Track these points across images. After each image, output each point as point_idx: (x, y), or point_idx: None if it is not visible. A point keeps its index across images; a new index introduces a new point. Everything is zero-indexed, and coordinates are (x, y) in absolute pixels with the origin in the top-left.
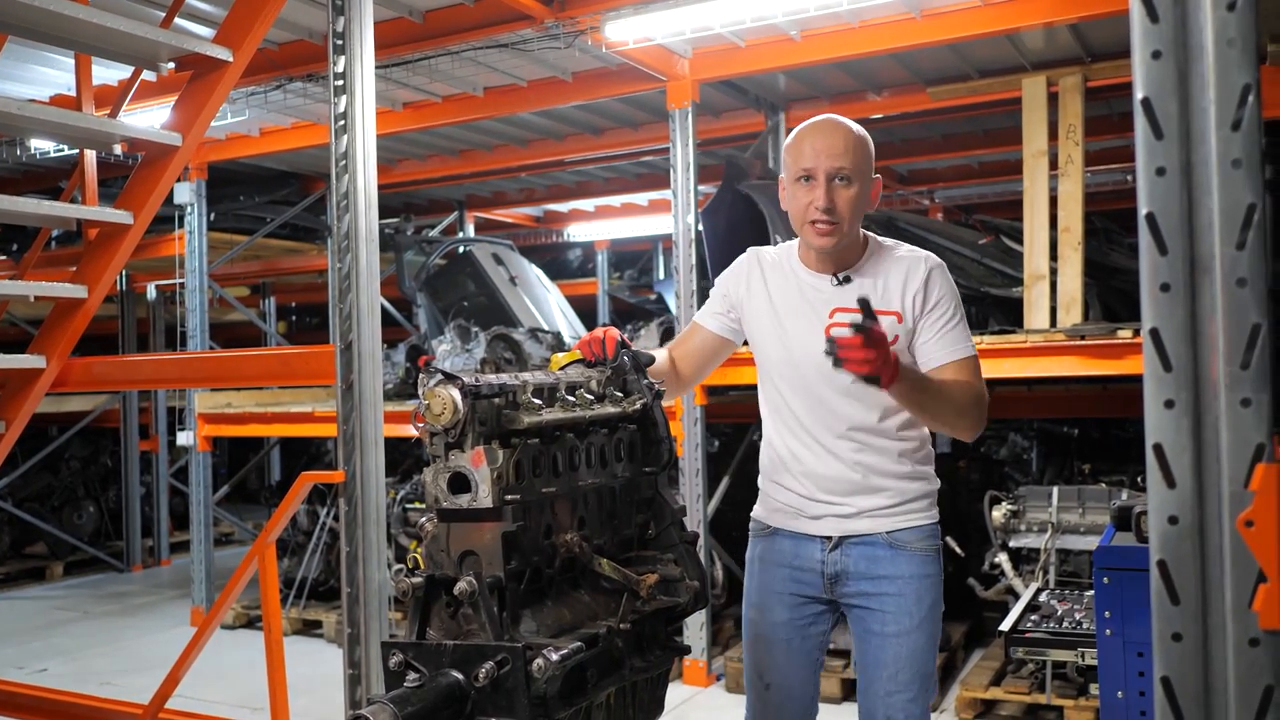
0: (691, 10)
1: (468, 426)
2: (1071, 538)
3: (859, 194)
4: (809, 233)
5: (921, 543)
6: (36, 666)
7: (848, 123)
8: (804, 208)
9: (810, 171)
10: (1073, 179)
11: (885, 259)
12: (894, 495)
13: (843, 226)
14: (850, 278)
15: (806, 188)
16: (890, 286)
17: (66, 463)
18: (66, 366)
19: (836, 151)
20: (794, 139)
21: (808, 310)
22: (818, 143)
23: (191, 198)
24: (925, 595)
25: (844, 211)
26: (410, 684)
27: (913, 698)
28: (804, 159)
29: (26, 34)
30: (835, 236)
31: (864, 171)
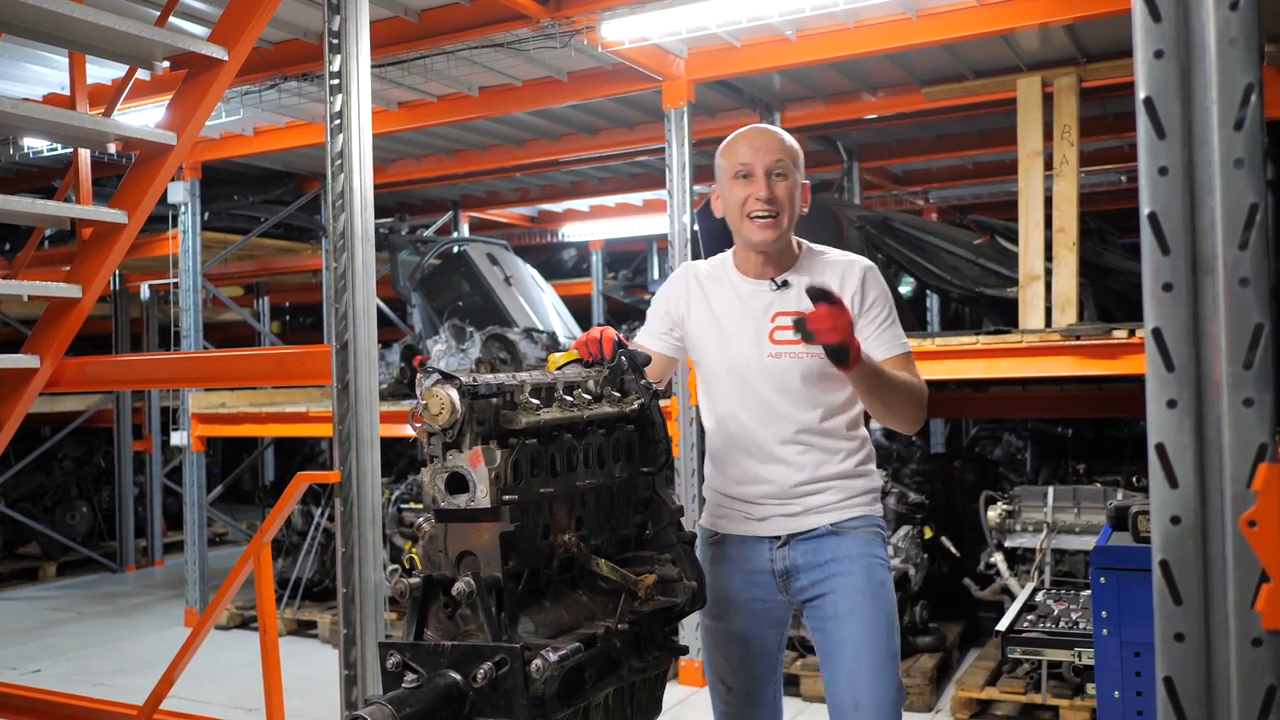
0: (687, 10)
1: (465, 426)
2: (1067, 538)
3: (794, 190)
4: (749, 227)
5: (866, 528)
6: (30, 667)
7: (776, 128)
8: (742, 201)
9: (748, 167)
10: (1068, 179)
11: (819, 263)
12: (839, 493)
13: (782, 219)
14: (788, 282)
15: (744, 183)
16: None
17: (60, 463)
18: (60, 366)
19: (772, 147)
20: (728, 143)
21: (749, 317)
22: (754, 141)
23: (185, 197)
24: (875, 573)
25: (782, 201)
26: (408, 685)
27: (876, 677)
28: (741, 156)
29: (21, 32)
30: (775, 229)
31: (797, 170)
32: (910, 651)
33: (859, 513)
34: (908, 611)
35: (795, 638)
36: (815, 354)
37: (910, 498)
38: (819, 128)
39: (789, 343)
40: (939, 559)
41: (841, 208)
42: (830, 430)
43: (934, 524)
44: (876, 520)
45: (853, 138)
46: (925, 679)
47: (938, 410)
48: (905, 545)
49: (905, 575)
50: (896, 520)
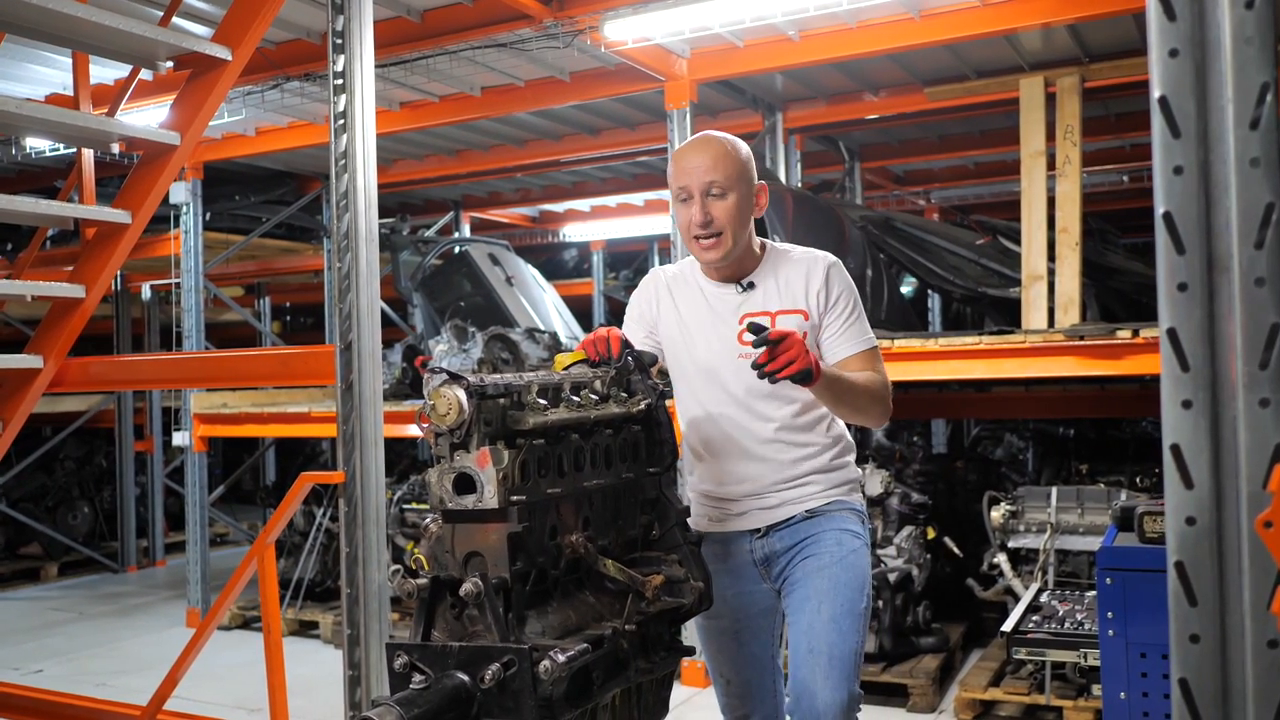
0: (690, 10)
1: (473, 427)
2: (1070, 538)
3: (736, 204)
4: (695, 248)
5: (841, 510)
6: (32, 667)
7: (720, 137)
8: (686, 225)
9: (686, 190)
10: (1070, 179)
11: (783, 262)
12: (816, 485)
13: (725, 238)
14: (754, 283)
15: (685, 206)
16: (793, 286)
17: (61, 463)
18: (64, 366)
19: (705, 167)
20: (670, 161)
21: (717, 320)
22: (689, 161)
23: (187, 197)
24: (845, 542)
25: (722, 222)
26: (416, 686)
27: (836, 629)
28: (679, 179)
29: (24, 32)
30: (719, 249)
31: (739, 181)
32: (913, 652)
33: (835, 498)
34: (910, 612)
35: None
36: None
37: (913, 498)
38: (821, 128)
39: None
40: (942, 559)
41: (843, 208)
42: (805, 426)
43: (937, 524)
44: (853, 504)
45: (854, 138)
46: (929, 679)
47: (940, 411)
48: (908, 546)
49: (908, 576)
50: (900, 521)
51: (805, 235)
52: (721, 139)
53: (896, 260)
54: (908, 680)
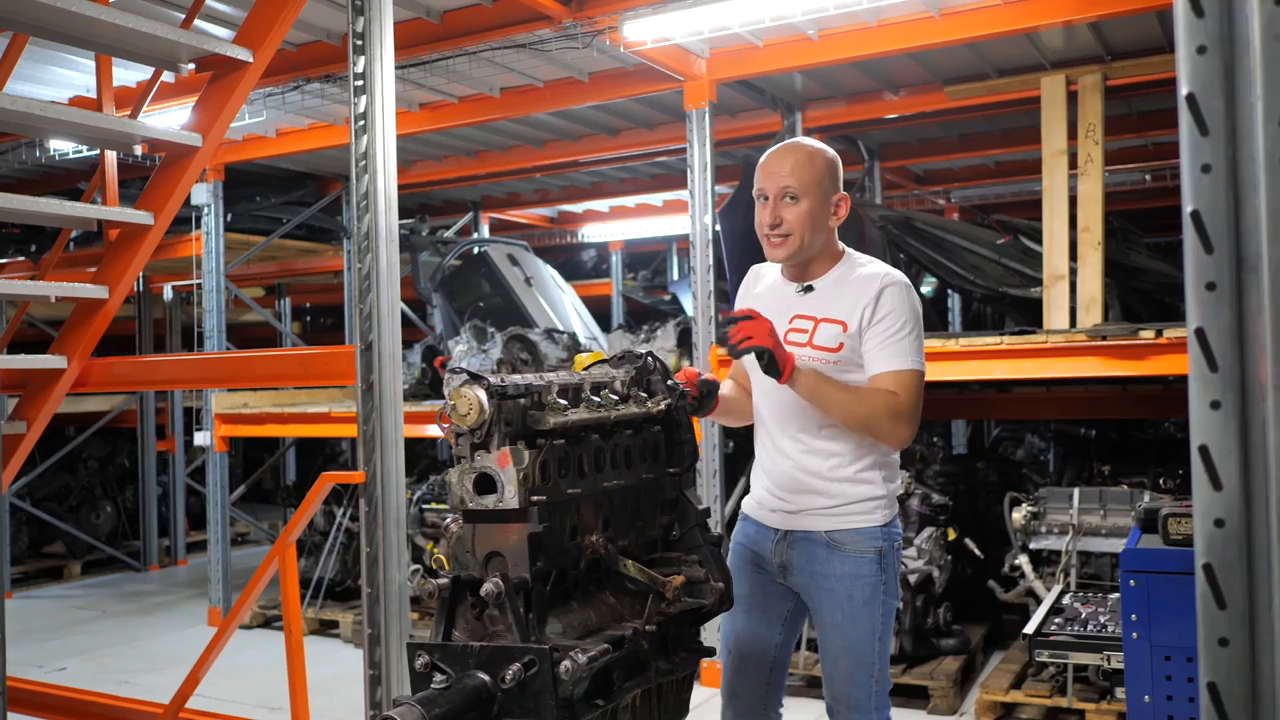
0: (710, 10)
1: (494, 427)
2: (1093, 540)
3: (810, 210)
4: (765, 246)
5: (859, 544)
6: (56, 665)
7: (804, 144)
8: (760, 224)
9: (763, 191)
10: (1092, 178)
11: (850, 273)
12: (832, 498)
13: (793, 239)
14: (812, 287)
15: (762, 206)
16: (844, 298)
17: (84, 463)
18: (87, 367)
19: (783, 172)
20: (759, 164)
21: (774, 314)
22: (769, 166)
23: (208, 198)
24: (857, 594)
25: (792, 225)
26: (437, 685)
27: (851, 681)
28: (759, 181)
29: (49, 35)
30: (786, 249)
31: (815, 188)
32: (934, 654)
33: (856, 524)
34: (931, 613)
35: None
36: (815, 358)
37: (934, 499)
38: (840, 127)
39: (796, 345)
40: (963, 561)
41: (863, 207)
42: (821, 434)
43: (957, 526)
44: (875, 534)
45: (874, 137)
46: (949, 681)
47: (960, 411)
48: (929, 547)
49: (929, 577)
50: (920, 522)
51: None
52: (806, 146)
53: (916, 260)
54: (928, 682)
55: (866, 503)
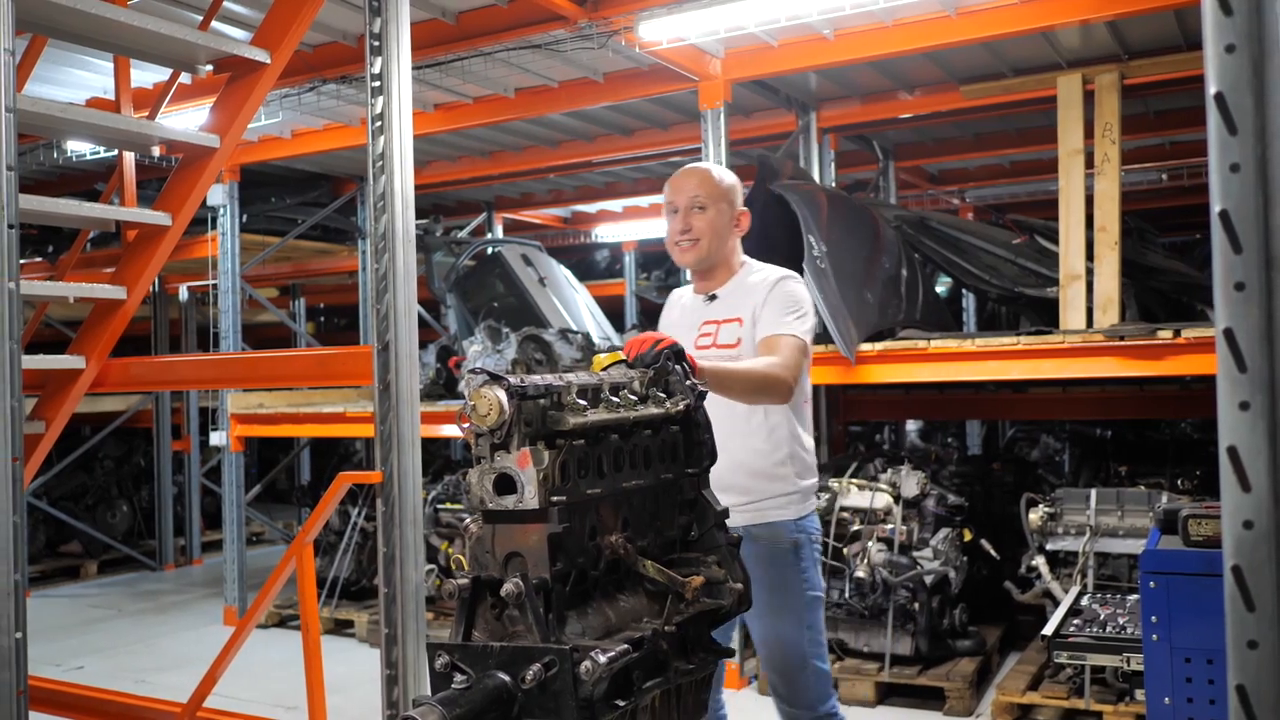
0: (725, 9)
1: (513, 427)
2: (1110, 541)
3: (715, 219)
4: (675, 253)
5: (776, 538)
6: (73, 664)
7: (710, 165)
8: (671, 233)
9: (673, 204)
10: (1109, 178)
11: (747, 279)
12: (748, 494)
13: (701, 244)
14: (716, 295)
15: (673, 218)
16: (742, 300)
17: (100, 462)
18: (105, 367)
19: (691, 186)
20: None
21: (685, 325)
22: (678, 182)
23: (224, 199)
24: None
25: (700, 231)
26: (458, 685)
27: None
28: (669, 195)
29: (68, 37)
30: (695, 253)
31: (720, 200)
32: (949, 655)
33: (771, 518)
34: (947, 614)
35: (833, 640)
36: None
37: (949, 500)
38: (855, 127)
39: (704, 349)
40: (978, 562)
41: (878, 207)
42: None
43: (973, 526)
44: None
45: (889, 137)
46: (965, 683)
47: (975, 411)
48: (944, 548)
49: (945, 578)
50: (936, 522)
51: (840, 235)
52: (712, 167)
53: (931, 260)
54: (944, 683)
55: (780, 498)
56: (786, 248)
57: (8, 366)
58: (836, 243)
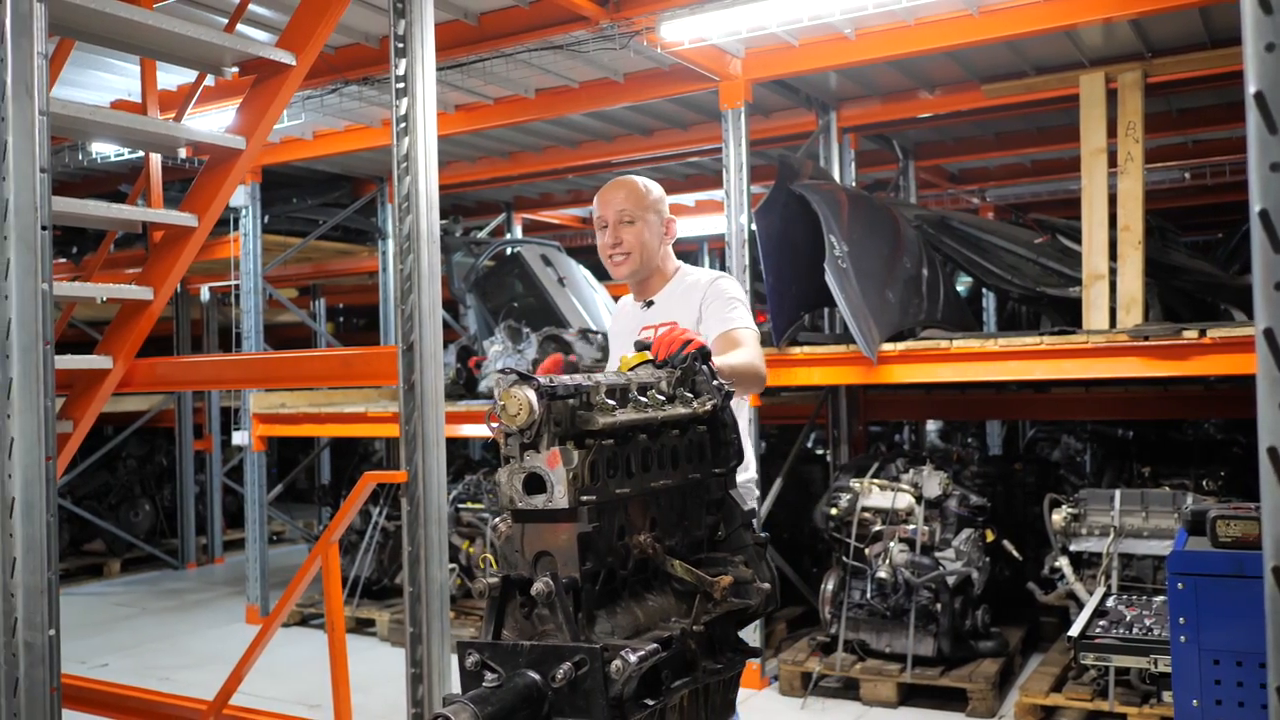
0: (748, 9)
1: (543, 427)
2: (1134, 542)
3: (643, 231)
4: (609, 266)
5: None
6: (98, 661)
7: (635, 178)
8: (603, 248)
9: (602, 219)
10: (1132, 176)
11: (682, 283)
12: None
13: (633, 257)
14: (653, 302)
15: (603, 232)
16: (681, 304)
17: (123, 461)
18: (132, 367)
19: (618, 200)
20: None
21: (626, 332)
22: (605, 197)
23: (246, 200)
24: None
25: (630, 244)
26: (489, 684)
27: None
28: (598, 209)
29: (97, 40)
30: (628, 265)
31: (648, 212)
32: (972, 656)
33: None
34: (969, 615)
35: (855, 641)
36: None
37: (971, 500)
38: (875, 126)
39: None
40: (1000, 563)
41: (898, 207)
42: None
43: (995, 527)
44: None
45: (909, 136)
46: (988, 684)
47: (996, 412)
48: (967, 548)
49: (967, 579)
50: (958, 523)
51: (861, 235)
52: (637, 179)
53: (952, 259)
54: (967, 684)
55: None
56: (807, 248)
57: (41, 367)
58: (858, 242)
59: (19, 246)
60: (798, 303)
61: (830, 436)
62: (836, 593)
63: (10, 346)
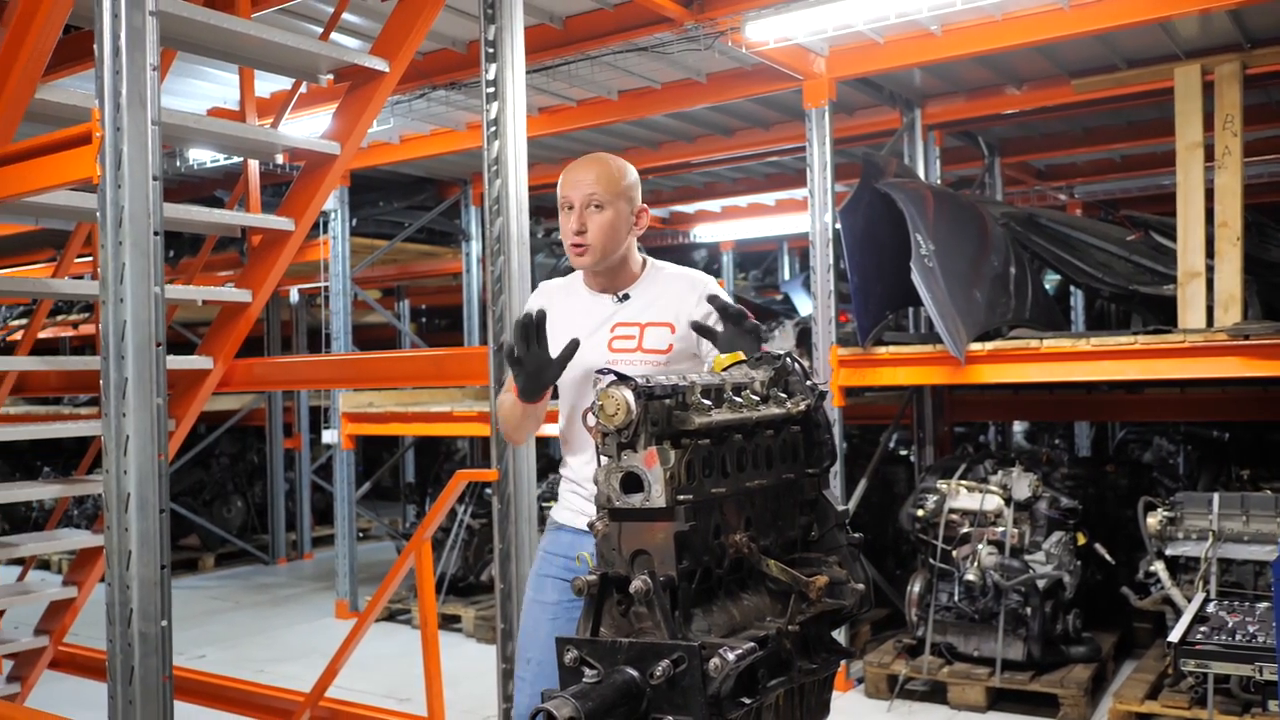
0: (833, 8)
1: (640, 427)
2: (1234, 546)
3: (613, 219)
4: (570, 254)
5: None
6: (195, 653)
7: (607, 158)
8: (565, 233)
9: (568, 200)
10: (1230, 171)
11: (660, 279)
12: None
13: (596, 247)
14: (629, 295)
15: (566, 215)
16: (665, 301)
17: (217, 459)
18: (231, 368)
19: (589, 181)
20: (562, 173)
21: (591, 327)
22: (575, 175)
23: (335, 204)
24: None
25: (596, 233)
26: (588, 680)
27: None
28: (563, 189)
29: (200, 50)
30: (590, 256)
31: (620, 198)
32: (1063, 661)
33: None
34: (1060, 620)
35: (942, 644)
36: (647, 361)
37: (1062, 502)
38: (960, 123)
39: (624, 351)
40: (1092, 566)
41: (985, 205)
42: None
43: (1086, 530)
44: None
45: (994, 132)
46: (1080, 690)
47: (1085, 413)
48: (1058, 551)
49: (1059, 582)
50: (1048, 525)
51: (947, 233)
52: (610, 159)
53: (1040, 257)
54: (1058, 690)
55: None
56: (892, 247)
57: (153, 367)
58: (944, 241)
59: (134, 252)
60: (883, 302)
61: (915, 437)
62: (923, 595)
63: (126, 348)
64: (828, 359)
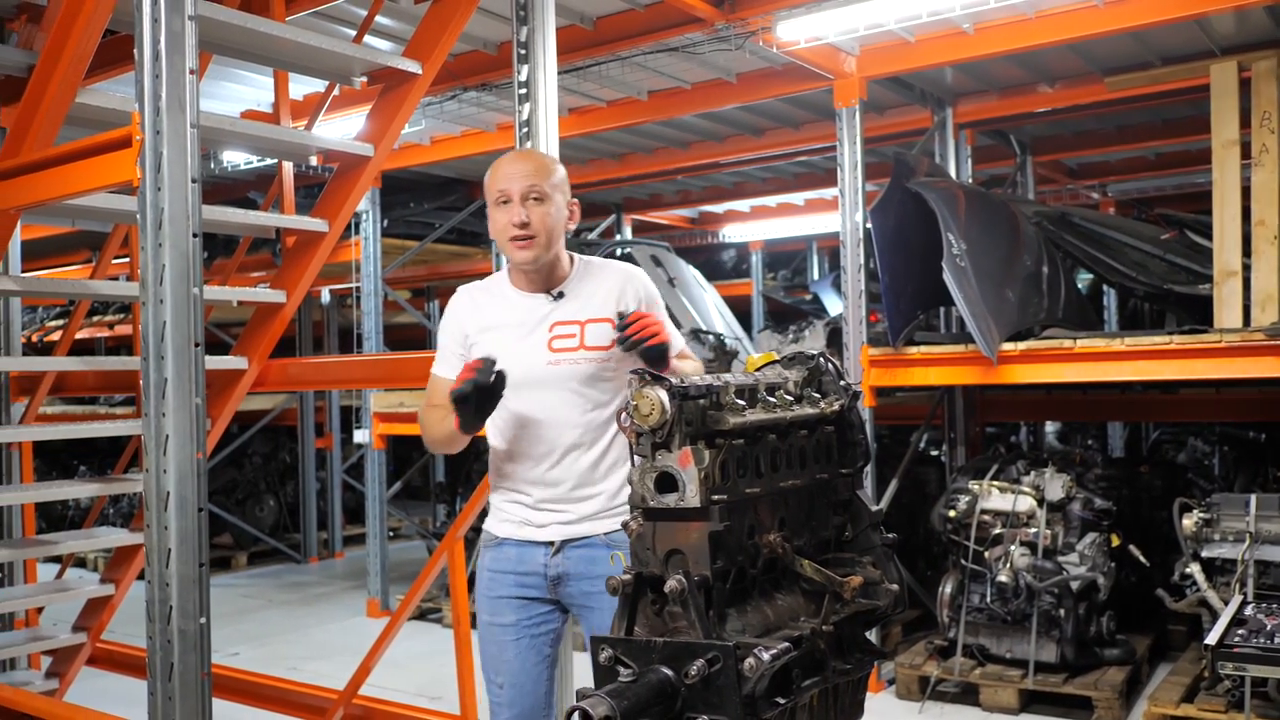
0: (865, 7)
1: (674, 427)
2: (1272, 549)
3: (555, 213)
4: (510, 249)
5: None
6: (229, 651)
7: (538, 152)
8: (504, 227)
9: (506, 194)
10: (1268, 169)
11: (591, 274)
12: (608, 499)
13: (540, 240)
14: (563, 293)
15: (505, 209)
16: (600, 297)
17: (249, 458)
18: (265, 368)
19: (527, 173)
20: (490, 171)
21: (527, 328)
22: (508, 169)
23: (367, 205)
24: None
25: (538, 225)
26: (623, 679)
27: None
28: (500, 183)
29: (236, 54)
30: (534, 249)
31: (556, 191)
32: (1097, 663)
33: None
34: (1094, 622)
35: (974, 645)
36: (590, 359)
37: (1096, 504)
38: (991, 121)
39: (566, 350)
40: (1126, 568)
41: (1017, 204)
42: (600, 431)
43: (1120, 531)
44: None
45: (1026, 131)
46: (1114, 692)
47: (1119, 413)
48: (1091, 553)
49: (1092, 584)
50: (1082, 527)
51: (978, 233)
52: (540, 154)
53: (1073, 256)
54: (1092, 692)
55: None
56: (923, 246)
57: (192, 367)
58: (975, 240)
59: (173, 253)
60: (914, 302)
61: (946, 437)
62: (955, 596)
63: (165, 348)
64: (859, 359)
